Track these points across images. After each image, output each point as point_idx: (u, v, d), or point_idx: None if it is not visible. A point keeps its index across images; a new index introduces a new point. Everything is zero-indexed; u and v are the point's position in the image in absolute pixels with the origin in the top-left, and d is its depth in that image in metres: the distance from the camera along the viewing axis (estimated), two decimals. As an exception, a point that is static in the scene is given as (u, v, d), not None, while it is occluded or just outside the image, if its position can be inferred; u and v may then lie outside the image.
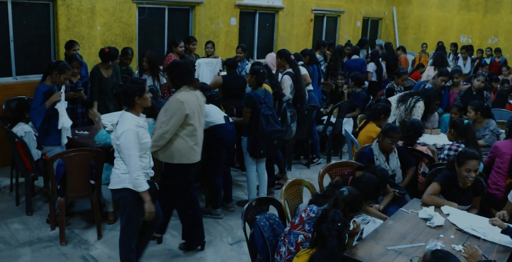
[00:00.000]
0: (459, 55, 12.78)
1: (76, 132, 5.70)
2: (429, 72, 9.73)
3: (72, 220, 5.30)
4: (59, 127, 4.98)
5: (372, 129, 5.66)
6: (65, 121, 5.01)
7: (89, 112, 5.02)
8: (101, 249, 4.74)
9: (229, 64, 6.87)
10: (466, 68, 11.83)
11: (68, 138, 5.24)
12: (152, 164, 4.00)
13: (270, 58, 7.49)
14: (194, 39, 8.46)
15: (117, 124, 3.86)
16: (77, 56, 6.25)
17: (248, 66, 8.04)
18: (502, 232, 3.51)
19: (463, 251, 3.41)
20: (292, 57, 6.99)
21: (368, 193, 3.72)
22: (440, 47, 12.68)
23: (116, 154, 3.89)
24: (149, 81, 6.96)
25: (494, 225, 3.65)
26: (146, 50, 8.40)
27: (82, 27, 7.69)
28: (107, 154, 4.96)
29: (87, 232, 5.08)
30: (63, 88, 5.07)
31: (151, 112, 5.07)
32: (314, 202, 3.69)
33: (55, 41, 7.51)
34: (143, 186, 3.78)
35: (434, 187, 4.32)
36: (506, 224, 3.47)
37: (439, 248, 3.43)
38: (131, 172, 3.74)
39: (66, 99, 5.17)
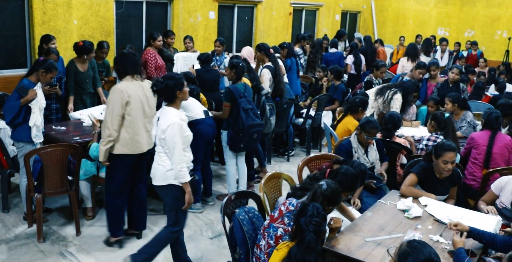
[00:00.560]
0: (438, 48, 12.89)
1: (53, 127, 5.63)
2: (403, 63, 9.82)
3: (50, 216, 5.24)
4: (30, 124, 4.87)
5: (350, 122, 5.69)
6: (36, 119, 4.89)
7: (94, 124, 5.02)
8: (80, 245, 4.70)
9: (202, 59, 6.85)
10: (444, 61, 11.94)
11: (44, 133, 5.16)
12: (192, 157, 4.12)
13: (246, 52, 7.47)
14: (172, 33, 8.39)
15: (158, 120, 3.99)
16: (53, 49, 6.17)
17: (226, 60, 8.02)
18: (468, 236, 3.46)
19: (440, 241, 3.46)
20: (272, 51, 6.99)
21: (346, 185, 3.73)
22: (427, 40, 12.74)
23: (159, 149, 4.00)
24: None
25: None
26: (124, 44, 8.34)
27: (58, 21, 7.58)
28: (84, 150, 4.90)
29: (65, 228, 5.02)
30: (38, 85, 4.97)
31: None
32: (292, 195, 3.70)
33: (31, 35, 7.41)
34: (186, 177, 3.94)
35: (411, 177, 4.37)
36: (467, 226, 3.47)
37: (417, 238, 3.47)
38: (175, 163, 3.89)
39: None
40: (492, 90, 9.45)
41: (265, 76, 6.67)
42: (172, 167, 3.92)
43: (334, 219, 3.47)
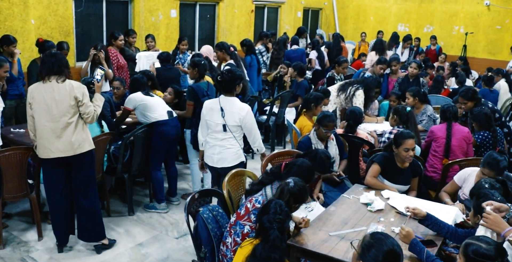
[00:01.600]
0: (400, 43, 13.08)
1: (11, 129, 5.50)
2: (372, 57, 9.98)
3: (10, 222, 5.10)
4: None
5: (303, 123, 5.73)
6: None
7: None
8: (42, 250, 4.59)
9: (162, 58, 6.80)
10: (404, 56, 12.15)
11: (3, 136, 5.04)
12: None
13: (206, 49, 7.46)
14: (133, 32, 8.29)
15: (222, 110, 4.45)
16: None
17: (189, 58, 7.97)
18: (420, 222, 3.55)
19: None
20: (232, 49, 6.98)
21: (302, 177, 3.76)
22: (394, 36, 12.92)
23: (227, 135, 4.52)
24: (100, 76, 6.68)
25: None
26: (84, 44, 8.21)
27: (14, 21, 7.39)
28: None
29: (26, 233, 4.90)
30: None
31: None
32: (250, 191, 3.72)
33: (-15, 36, 7.19)
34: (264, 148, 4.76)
35: (374, 167, 4.45)
36: (425, 212, 3.54)
37: (379, 231, 3.53)
38: (258, 139, 4.64)
39: None
40: (452, 84, 9.67)
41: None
42: (241, 147, 4.60)
43: (305, 221, 3.48)
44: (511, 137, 5.87)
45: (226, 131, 4.49)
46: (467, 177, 4.31)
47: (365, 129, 5.86)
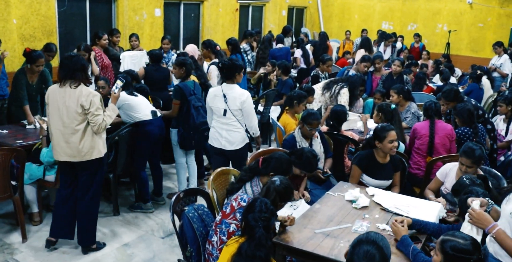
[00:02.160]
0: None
1: (-6, 130, 5.45)
2: (362, 53, 10.01)
3: (-6, 223, 5.07)
4: None
5: (286, 121, 5.76)
6: None
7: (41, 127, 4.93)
8: (26, 252, 4.55)
9: (153, 58, 6.75)
10: (387, 54, 12.22)
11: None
12: None
13: (191, 48, 7.43)
14: (117, 32, 8.25)
15: (224, 96, 4.79)
16: None
17: (174, 57, 7.94)
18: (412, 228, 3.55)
19: (387, 229, 3.54)
20: (218, 47, 6.97)
21: (281, 170, 3.81)
22: (382, 34, 12.97)
23: (229, 120, 4.87)
24: None
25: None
26: (67, 43, 8.14)
27: (-5, 21, 7.32)
28: (28, 153, 4.76)
29: (10, 235, 4.85)
30: None
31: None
32: (231, 189, 3.74)
33: (-35, 36, 7.11)
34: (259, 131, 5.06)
35: (354, 170, 4.56)
36: (409, 219, 3.57)
37: (364, 228, 3.55)
38: (254, 123, 4.93)
39: None
40: (437, 81, 9.75)
41: (213, 73, 6.63)
42: (245, 129, 4.91)
43: (290, 219, 3.49)
44: (494, 133, 5.93)
45: (226, 115, 4.85)
46: (448, 172, 4.36)
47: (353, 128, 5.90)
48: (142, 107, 5.34)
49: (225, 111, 4.85)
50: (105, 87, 5.96)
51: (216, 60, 6.82)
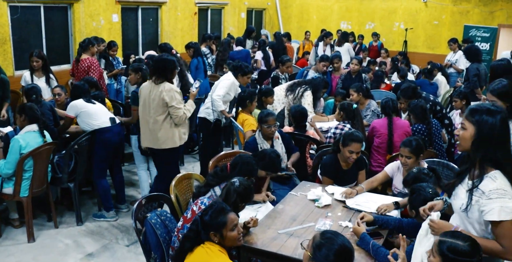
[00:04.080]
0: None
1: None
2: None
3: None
4: None
5: (243, 118, 5.81)
6: None
7: None
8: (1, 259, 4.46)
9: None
10: (327, 53, 12.29)
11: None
12: None
13: (149, 55, 7.39)
14: (115, 44, 8.55)
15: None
16: None
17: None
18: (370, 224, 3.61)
19: (349, 226, 3.58)
20: (174, 51, 6.93)
21: (249, 172, 3.85)
22: (343, 34, 13.07)
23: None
24: (41, 83, 6.42)
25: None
26: (22, 51, 7.96)
27: None
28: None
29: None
30: None
31: (35, 117, 4.84)
32: (198, 194, 3.71)
33: None
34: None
35: (324, 181, 4.56)
36: (371, 216, 3.61)
37: (327, 226, 3.59)
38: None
39: None
40: (395, 79, 9.92)
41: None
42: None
43: (253, 220, 3.49)
44: (451, 128, 6.06)
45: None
46: (396, 170, 4.40)
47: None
48: (100, 115, 5.26)
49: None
50: (62, 94, 5.86)
51: None
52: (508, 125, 2.65)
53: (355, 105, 5.64)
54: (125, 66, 7.91)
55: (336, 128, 5.50)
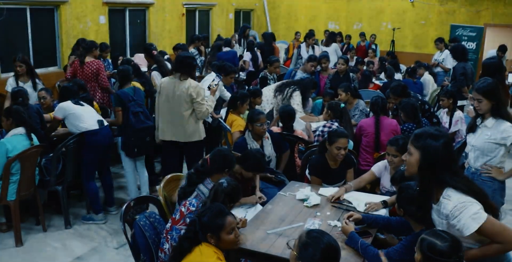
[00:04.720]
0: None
1: None
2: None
3: None
4: None
5: (232, 118, 5.82)
6: None
7: None
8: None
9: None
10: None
11: None
12: None
13: (138, 59, 7.39)
14: (106, 47, 8.47)
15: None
16: None
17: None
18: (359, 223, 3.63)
19: (338, 226, 3.59)
20: (155, 52, 6.89)
21: (228, 164, 3.88)
22: (331, 34, 13.09)
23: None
24: (27, 89, 6.17)
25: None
26: (8, 54, 7.90)
27: None
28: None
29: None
30: None
31: (22, 120, 4.80)
32: (183, 194, 3.71)
33: None
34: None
35: (313, 181, 4.55)
36: (359, 215, 3.62)
37: (316, 226, 3.59)
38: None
39: None
40: (383, 78, 9.96)
41: (156, 79, 6.58)
42: None
43: (242, 221, 3.49)
44: (439, 126, 6.10)
45: None
46: (384, 169, 4.42)
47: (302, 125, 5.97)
48: (87, 117, 5.23)
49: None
50: (47, 98, 5.81)
51: (155, 65, 6.80)
52: (453, 148, 2.78)
53: (342, 105, 5.65)
54: (115, 71, 7.87)
55: (324, 126, 5.52)
